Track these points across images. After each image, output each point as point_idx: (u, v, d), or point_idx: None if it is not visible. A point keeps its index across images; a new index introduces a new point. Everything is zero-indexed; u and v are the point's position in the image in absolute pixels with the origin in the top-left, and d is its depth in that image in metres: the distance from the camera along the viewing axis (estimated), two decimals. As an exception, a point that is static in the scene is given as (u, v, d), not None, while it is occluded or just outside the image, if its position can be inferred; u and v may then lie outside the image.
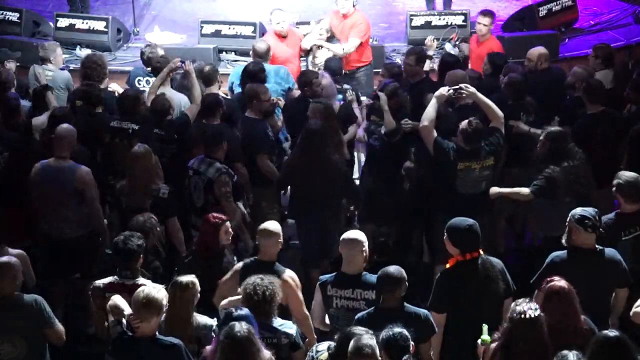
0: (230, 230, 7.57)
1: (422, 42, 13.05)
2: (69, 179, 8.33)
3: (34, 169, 8.44)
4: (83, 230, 8.43)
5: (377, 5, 11.87)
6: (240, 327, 5.82)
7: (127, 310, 6.33)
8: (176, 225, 8.23)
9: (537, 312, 5.94)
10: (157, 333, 6.21)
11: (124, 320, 6.30)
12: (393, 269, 6.60)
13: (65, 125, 8.50)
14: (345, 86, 10.59)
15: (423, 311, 6.64)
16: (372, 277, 6.82)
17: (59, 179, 8.34)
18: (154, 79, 10.07)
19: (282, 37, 11.56)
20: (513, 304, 6.05)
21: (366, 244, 7.01)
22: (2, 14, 13.63)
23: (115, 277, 6.98)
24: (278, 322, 6.49)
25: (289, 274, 7.14)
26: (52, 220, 8.42)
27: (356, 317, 6.59)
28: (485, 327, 6.25)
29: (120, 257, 7.00)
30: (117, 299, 6.51)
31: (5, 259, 6.77)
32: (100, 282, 6.99)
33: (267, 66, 10.37)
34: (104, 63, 10.34)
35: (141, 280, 6.93)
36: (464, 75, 9.54)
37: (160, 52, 10.43)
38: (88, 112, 9.38)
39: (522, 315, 5.92)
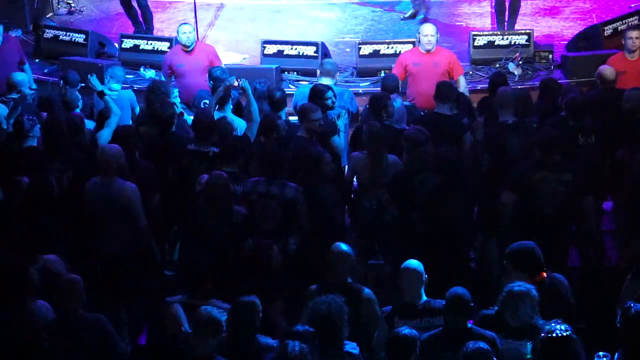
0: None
1: (485, 62, 13.05)
2: (115, 196, 8.36)
3: (84, 188, 8.50)
4: (131, 249, 8.40)
5: (439, 24, 11.80)
6: (293, 346, 5.84)
7: (185, 324, 6.32)
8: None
9: (567, 332, 5.89)
10: (215, 355, 6.17)
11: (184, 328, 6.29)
12: (461, 290, 6.53)
13: (107, 145, 8.64)
14: (405, 102, 10.51)
15: (490, 333, 6.50)
16: (438, 303, 6.79)
17: (104, 197, 8.38)
18: None
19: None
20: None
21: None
22: (69, 35, 13.92)
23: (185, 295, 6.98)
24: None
25: (368, 292, 7.12)
26: (101, 239, 8.45)
27: (422, 337, 6.48)
28: (528, 346, 6.20)
29: (191, 281, 7.00)
30: (177, 311, 6.47)
31: (69, 276, 6.83)
32: (172, 299, 6.99)
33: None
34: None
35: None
36: (513, 92, 9.48)
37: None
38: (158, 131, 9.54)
39: (550, 335, 5.90)
